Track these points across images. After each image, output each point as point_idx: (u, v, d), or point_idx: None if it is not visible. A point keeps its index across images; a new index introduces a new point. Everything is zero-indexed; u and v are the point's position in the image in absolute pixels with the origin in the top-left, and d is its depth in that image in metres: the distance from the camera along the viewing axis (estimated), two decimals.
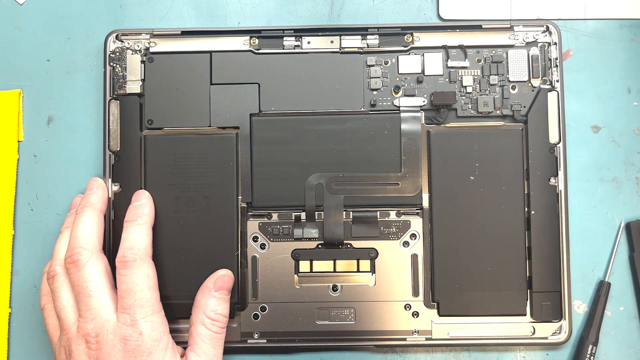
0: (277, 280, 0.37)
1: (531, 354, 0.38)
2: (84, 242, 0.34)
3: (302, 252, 0.37)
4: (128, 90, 0.38)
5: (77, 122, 0.39)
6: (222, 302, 0.35)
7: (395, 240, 0.37)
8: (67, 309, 0.33)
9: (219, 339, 0.34)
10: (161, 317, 0.33)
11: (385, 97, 0.38)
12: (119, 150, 0.37)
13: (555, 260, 0.37)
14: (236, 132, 0.38)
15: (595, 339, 0.37)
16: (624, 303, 0.39)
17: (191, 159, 0.37)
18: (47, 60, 0.40)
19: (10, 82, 0.40)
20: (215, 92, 0.38)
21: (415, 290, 0.37)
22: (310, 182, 0.37)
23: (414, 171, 0.37)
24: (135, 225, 0.35)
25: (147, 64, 0.38)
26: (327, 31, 0.38)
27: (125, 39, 0.38)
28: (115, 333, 0.32)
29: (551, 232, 0.37)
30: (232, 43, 0.38)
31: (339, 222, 0.37)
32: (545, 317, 0.37)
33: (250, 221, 0.38)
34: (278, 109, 0.38)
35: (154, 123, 0.38)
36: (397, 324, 0.37)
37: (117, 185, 0.37)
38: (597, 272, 0.39)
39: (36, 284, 0.39)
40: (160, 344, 0.33)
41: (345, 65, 0.38)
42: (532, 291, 0.37)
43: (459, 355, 0.38)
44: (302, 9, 0.40)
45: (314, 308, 0.37)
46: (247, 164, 0.37)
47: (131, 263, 0.33)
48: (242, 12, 0.40)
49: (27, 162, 0.39)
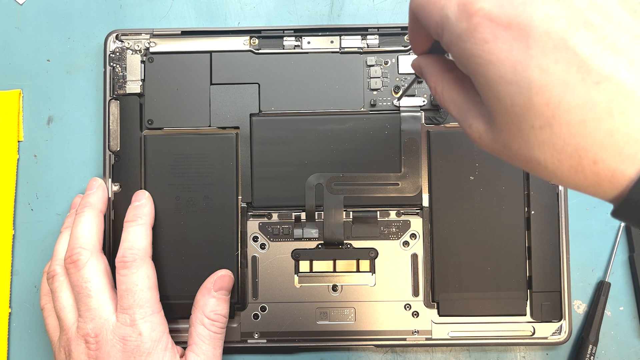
0: (277, 280, 0.37)
1: (531, 354, 0.38)
2: (84, 242, 0.34)
3: (302, 252, 0.37)
4: (128, 90, 0.38)
5: (77, 122, 0.39)
6: (221, 302, 0.35)
7: (395, 240, 0.37)
8: (67, 309, 0.33)
9: (218, 339, 0.34)
10: (160, 318, 0.33)
11: (385, 97, 0.38)
12: (119, 150, 0.37)
13: (555, 260, 0.37)
14: (236, 132, 0.38)
15: (595, 339, 0.37)
16: (624, 303, 0.39)
17: (191, 159, 0.37)
18: (47, 60, 0.40)
19: (10, 82, 0.40)
20: (215, 92, 0.38)
21: (415, 290, 0.37)
22: (310, 182, 0.37)
23: (414, 171, 0.37)
24: (135, 225, 0.35)
25: (147, 64, 0.38)
26: (327, 31, 0.38)
27: (125, 39, 0.38)
28: (114, 333, 0.32)
29: (551, 232, 0.37)
30: (232, 43, 0.38)
31: (339, 222, 0.37)
32: (545, 317, 0.37)
33: (250, 221, 0.38)
34: (278, 109, 0.38)
35: (154, 123, 0.38)
36: (397, 324, 0.37)
37: (117, 185, 0.37)
38: (597, 272, 0.39)
39: (36, 284, 0.39)
40: (160, 344, 0.33)
41: (345, 65, 0.38)
42: (532, 291, 0.37)
43: (459, 355, 0.38)
44: (302, 9, 0.40)
45: (314, 308, 0.37)
46: (247, 164, 0.37)
47: (131, 263, 0.33)
48: (242, 12, 0.40)
49: (27, 162, 0.39)
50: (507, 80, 0.19)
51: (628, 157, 0.18)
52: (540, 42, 0.19)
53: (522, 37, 0.19)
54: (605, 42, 0.18)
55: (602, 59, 0.18)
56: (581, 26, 0.18)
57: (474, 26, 0.19)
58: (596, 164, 0.19)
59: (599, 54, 0.18)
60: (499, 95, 0.20)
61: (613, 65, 0.18)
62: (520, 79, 0.19)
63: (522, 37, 0.19)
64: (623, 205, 0.19)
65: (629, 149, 0.18)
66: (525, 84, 0.19)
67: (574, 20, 0.18)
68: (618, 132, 0.18)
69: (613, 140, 0.18)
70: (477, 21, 0.19)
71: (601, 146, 0.18)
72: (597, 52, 0.18)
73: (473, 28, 0.20)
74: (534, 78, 0.19)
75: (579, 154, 0.19)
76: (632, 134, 0.18)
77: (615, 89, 0.18)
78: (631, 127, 0.18)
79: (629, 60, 0.18)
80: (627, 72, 0.18)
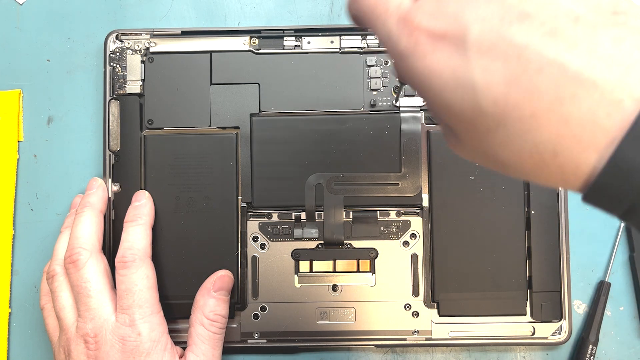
0: (277, 280, 0.37)
1: (531, 354, 0.38)
2: (84, 242, 0.34)
3: (302, 252, 0.37)
4: (128, 90, 0.38)
5: (77, 122, 0.39)
6: (221, 302, 0.35)
7: (395, 240, 0.37)
8: (67, 309, 0.33)
9: (218, 340, 0.34)
10: (160, 318, 0.33)
11: (385, 97, 0.38)
12: (119, 150, 0.37)
13: (555, 260, 0.37)
14: (236, 132, 0.38)
15: (595, 339, 0.37)
16: (624, 303, 0.39)
17: (191, 159, 0.37)
18: (47, 60, 0.40)
19: (10, 82, 0.40)
20: (215, 92, 0.38)
21: (415, 290, 0.37)
22: (310, 182, 0.37)
23: (414, 171, 0.37)
24: (135, 225, 0.35)
25: (147, 64, 0.38)
26: (327, 31, 0.38)
27: (125, 39, 0.38)
28: (114, 333, 0.32)
29: (551, 232, 0.37)
30: (232, 43, 0.38)
31: (339, 222, 0.37)
32: (545, 317, 0.37)
33: (250, 221, 0.38)
34: (278, 109, 0.38)
35: (154, 123, 0.38)
36: (397, 324, 0.37)
37: (117, 185, 0.37)
38: (597, 272, 0.39)
39: (36, 284, 0.39)
40: (159, 344, 0.33)
41: (345, 65, 0.38)
42: (532, 291, 0.37)
43: (459, 355, 0.38)
44: (302, 9, 0.40)
45: (314, 308, 0.37)
46: (247, 164, 0.37)
47: (130, 263, 0.33)
48: (242, 12, 0.40)
49: (27, 162, 0.39)
50: (451, 87, 0.19)
51: (588, 143, 0.17)
52: (476, 44, 0.18)
53: (458, 43, 0.19)
54: (542, 29, 0.18)
55: (541, 46, 0.17)
56: (515, 19, 0.18)
57: (414, 42, 0.19)
58: (557, 156, 0.18)
59: (537, 42, 0.18)
60: (448, 104, 0.19)
61: (553, 49, 0.17)
62: (463, 83, 0.19)
63: (458, 44, 0.19)
64: (591, 193, 0.18)
65: (586, 134, 0.17)
66: (469, 86, 0.18)
67: (506, 15, 0.18)
68: (572, 118, 0.17)
69: (568, 128, 0.17)
70: (416, 36, 0.19)
71: (557, 136, 0.17)
72: (535, 41, 0.18)
73: (413, 44, 0.20)
74: (477, 79, 0.18)
75: (538, 149, 0.18)
76: (586, 117, 0.17)
77: (559, 74, 0.17)
78: (584, 111, 0.17)
79: (571, 43, 0.17)
80: (569, 54, 0.17)
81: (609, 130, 0.17)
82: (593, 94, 0.17)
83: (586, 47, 0.17)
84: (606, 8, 0.18)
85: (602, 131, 0.17)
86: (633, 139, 0.16)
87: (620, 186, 0.17)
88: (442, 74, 0.19)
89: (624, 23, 0.17)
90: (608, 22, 0.17)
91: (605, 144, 0.17)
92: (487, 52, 0.18)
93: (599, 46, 0.17)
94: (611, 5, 0.18)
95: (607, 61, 0.17)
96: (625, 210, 0.18)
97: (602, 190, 0.18)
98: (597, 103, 0.17)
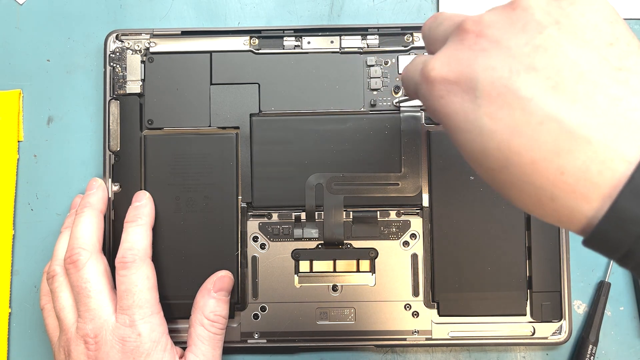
0: (277, 280, 0.37)
1: (531, 354, 0.38)
2: (84, 242, 0.34)
3: (302, 252, 0.37)
4: (128, 90, 0.38)
5: (77, 122, 0.39)
6: (221, 303, 0.35)
7: (395, 240, 0.37)
8: (67, 309, 0.33)
9: (218, 340, 0.34)
10: (160, 318, 0.33)
11: (385, 97, 0.38)
12: (119, 150, 0.37)
13: (555, 260, 0.37)
14: (236, 132, 0.38)
15: (595, 339, 0.37)
16: (624, 303, 0.39)
17: (191, 159, 0.37)
18: (47, 60, 0.40)
19: (10, 82, 0.40)
20: (215, 92, 0.38)
21: (415, 290, 0.37)
22: (310, 182, 0.37)
23: (414, 171, 0.37)
24: (135, 225, 0.35)
25: (147, 64, 0.38)
26: (327, 31, 0.38)
27: (125, 39, 0.38)
28: (114, 334, 0.32)
29: (551, 232, 0.37)
30: (232, 43, 0.38)
31: (339, 222, 0.37)
32: (545, 317, 0.37)
33: (250, 221, 0.38)
34: (278, 109, 0.38)
35: (154, 123, 0.38)
36: (397, 324, 0.37)
37: (117, 185, 0.37)
38: (597, 272, 0.39)
39: (36, 284, 0.39)
40: (159, 345, 0.33)
41: (345, 65, 0.38)
42: (532, 291, 0.37)
43: (459, 355, 0.38)
44: (302, 9, 0.40)
45: (314, 308, 0.37)
46: (247, 164, 0.37)
47: (130, 264, 0.33)
48: (242, 12, 0.40)
49: (27, 162, 0.39)
50: (462, 129, 0.21)
51: (581, 195, 0.19)
52: (485, 92, 0.20)
53: (469, 89, 0.20)
54: (547, 83, 0.19)
55: (544, 100, 0.19)
56: (523, 71, 0.19)
57: (431, 86, 0.22)
58: (554, 201, 0.19)
59: (541, 96, 0.19)
60: (459, 143, 0.22)
61: (555, 105, 0.19)
62: (472, 128, 0.20)
63: (469, 89, 0.20)
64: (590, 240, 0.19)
65: (580, 187, 0.18)
66: (477, 131, 0.20)
67: (515, 66, 0.19)
68: (567, 170, 0.19)
69: (564, 178, 0.19)
70: (432, 82, 0.22)
71: (554, 184, 0.19)
72: (539, 94, 0.19)
73: (431, 88, 0.22)
74: (484, 125, 0.20)
75: (536, 193, 0.20)
76: (580, 171, 0.18)
77: (558, 128, 0.19)
78: (578, 165, 0.18)
79: (571, 99, 0.19)
80: (569, 110, 0.18)
81: (601, 186, 0.18)
82: (587, 151, 0.18)
83: (585, 104, 0.18)
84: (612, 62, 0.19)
85: (594, 186, 0.18)
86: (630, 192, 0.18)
87: (617, 235, 0.18)
88: (456, 115, 0.21)
89: (625, 81, 0.19)
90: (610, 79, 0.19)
91: (597, 197, 0.18)
92: (495, 100, 0.20)
93: (596, 104, 0.18)
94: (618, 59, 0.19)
95: (602, 120, 0.18)
96: (622, 255, 0.19)
97: (599, 239, 0.19)
98: (591, 160, 0.18)
